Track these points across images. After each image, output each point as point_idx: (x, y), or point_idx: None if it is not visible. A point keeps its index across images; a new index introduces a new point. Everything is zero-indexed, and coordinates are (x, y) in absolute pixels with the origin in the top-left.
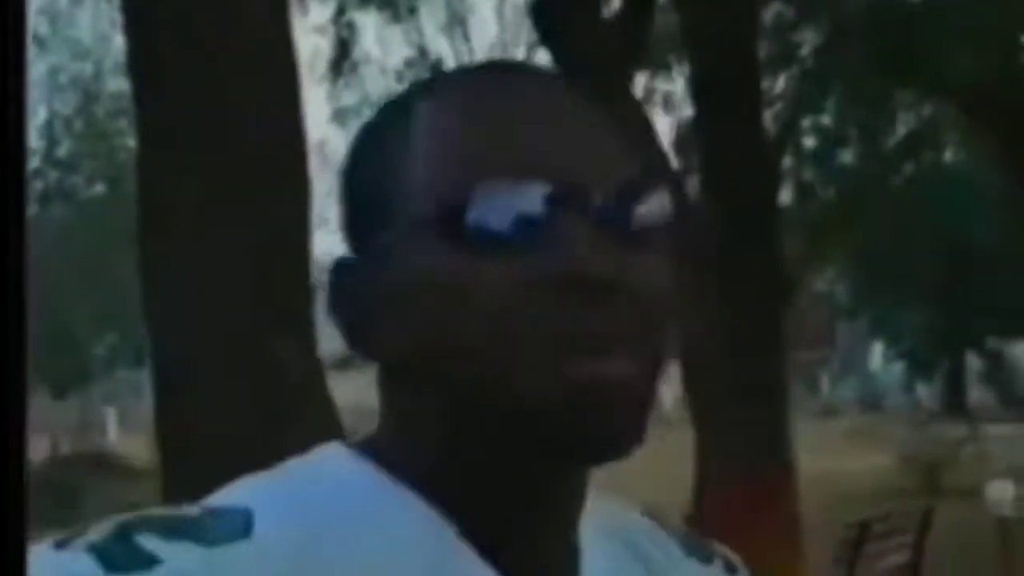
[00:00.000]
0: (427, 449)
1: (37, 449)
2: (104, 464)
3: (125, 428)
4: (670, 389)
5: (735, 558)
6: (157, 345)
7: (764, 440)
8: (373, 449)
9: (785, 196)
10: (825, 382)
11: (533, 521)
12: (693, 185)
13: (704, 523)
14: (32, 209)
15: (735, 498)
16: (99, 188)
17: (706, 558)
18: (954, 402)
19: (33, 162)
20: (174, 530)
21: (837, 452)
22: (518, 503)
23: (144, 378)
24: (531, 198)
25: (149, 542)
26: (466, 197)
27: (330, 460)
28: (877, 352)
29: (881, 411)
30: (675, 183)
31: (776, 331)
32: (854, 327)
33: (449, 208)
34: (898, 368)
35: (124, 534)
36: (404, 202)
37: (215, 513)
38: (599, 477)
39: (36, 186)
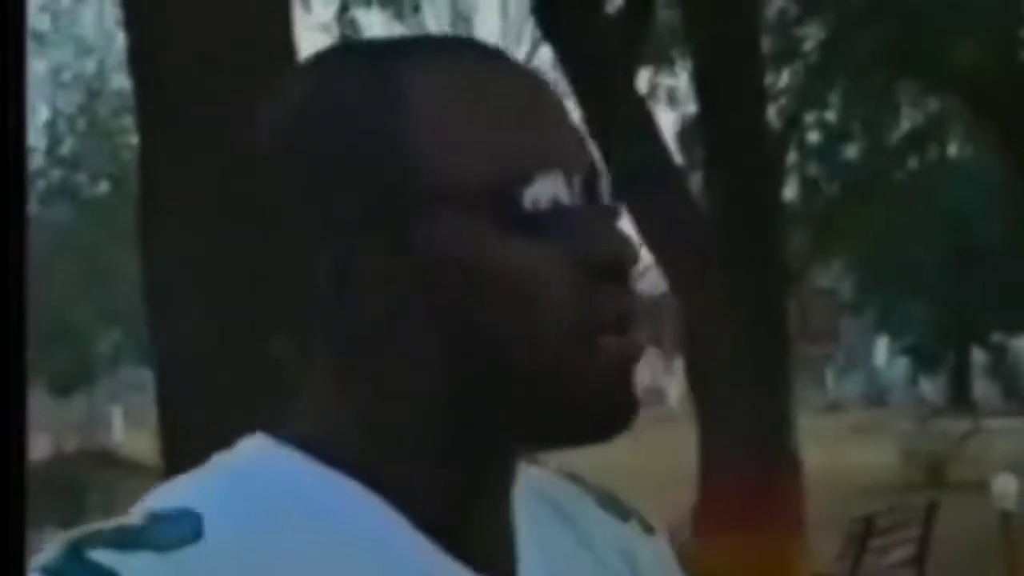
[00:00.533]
0: (390, 438)
1: (41, 447)
2: (109, 461)
3: (131, 425)
4: (676, 383)
5: (650, 522)
6: (158, 343)
7: (769, 435)
8: (298, 438)
9: (789, 191)
10: (830, 377)
11: (482, 502)
12: (697, 180)
13: (709, 517)
14: (35, 207)
15: (740, 492)
16: (102, 186)
17: (623, 516)
18: (958, 396)
19: (36, 160)
20: (126, 541)
21: (841, 447)
22: (474, 486)
23: (148, 375)
24: (561, 182)
25: (104, 556)
26: (519, 181)
27: (260, 453)
28: (882, 347)
29: (886, 406)
30: (680, 178)
31: (781, 326)
32: (859, 322)
33: (490, 189)
34: (902, 363)
35: (75, 552)
36: (423, 184)
37: (161, 519)
38: (603, 471)
39: (39, 184)
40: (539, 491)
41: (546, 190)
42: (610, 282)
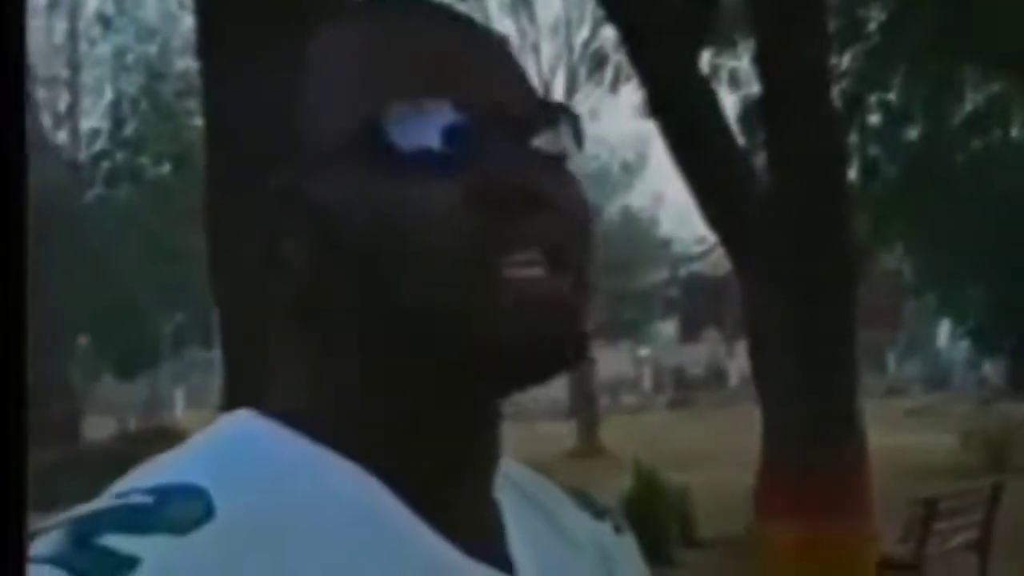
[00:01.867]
0: (354, 404)
1: (105, 429)
2: (172, 440)
3: (193, 407)
4: (735, 365)
5: (624, 522)
6: (225, 324)
7: (834, 418)
8: (284, 414)
9: (851, 173)
10: (891, 360)
11: (465, 478)
12: (759, 161)
13: (773, 499)
14: (99, 189)
15: (805, 474)
16: (165, 167)
17: (597, 514)
18: (1020, 380)
19: (100, 143)
20: (138, 524)
21: (902, 430)
22: (453, 453)
23: (212, 357)
24: (451, 114)
25: (120, 542)
26: (383, 116)
27: (246, 428)
28: (943, 330)
29: (947, 389)
30: (742, 159)
31: (846, 308)
32: (920, 305)
33: (368, 129)
34: (964, 346)
35: (83, 538)
36: (314, 129)
37: (169, 497)
38: (660, 452)
39: (103, 166)
40: (515, 482)
41: (425, 122)
42: (520, 216)
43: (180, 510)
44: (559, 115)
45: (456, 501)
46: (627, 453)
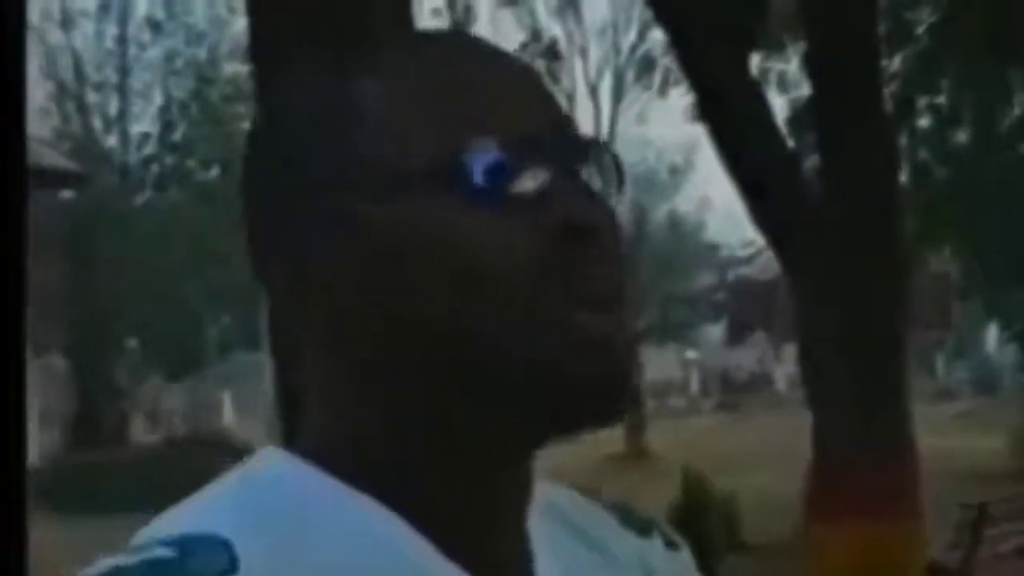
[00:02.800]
0: (392, 440)
1: (154, 431)
2: (220, 446)
3: (240, 411)
4: (781, 369)
5: (677, 537)
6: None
7: (884, 421)
8: (311, 451)
9: (900, 176)
10: (940, 363)
11: (498, 518)
12: (808, 164)
13: (824, 502)
14: (148, 192)
15: (855, 478)
16: (214, 171)
17: (643, 531)
18: None
19: (149, 147)
20: None
21: (951, 434)
22: (487, 496)
23: (258, 360)
24: (527, 152)
25: None
26: (462, 150)
27: (274, 468)
28: (992, 334)
29: (996, 393)
30: (791, 162)
31: (896, 310)
32: (969, 308)
33: (445, 162)
34: (1013, 349)
35: None
36: (376, 155)
37: (191, 550)
38: (707, 456)
39: (152, 170)
40: (550, 505)
41: (503, 165)
42: (582, 254)
43: (203, 564)
44: (604, 152)
45: (485, 538)
46: (673, 456)
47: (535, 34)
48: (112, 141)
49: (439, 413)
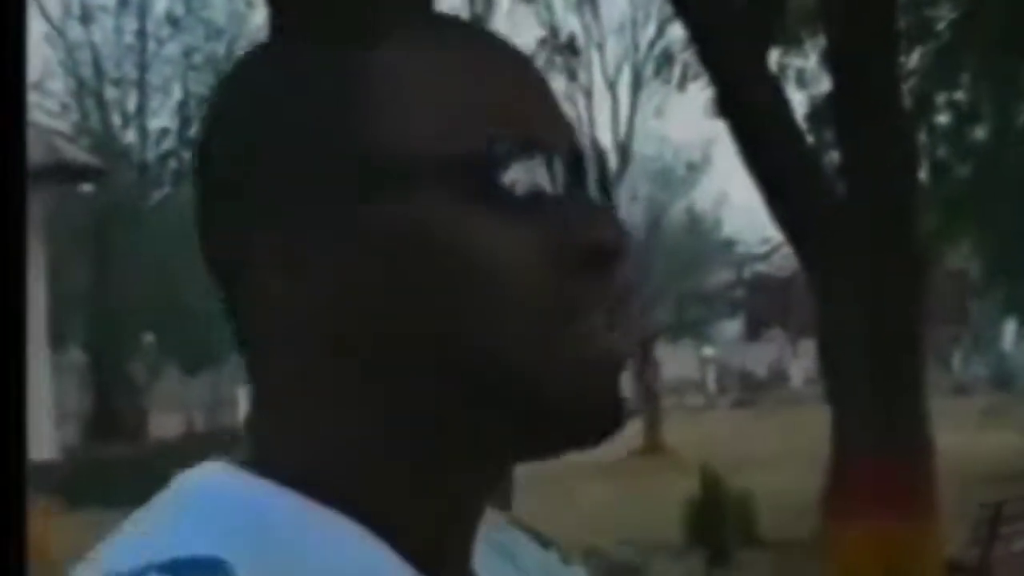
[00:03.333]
0: (375, 454)
1: (172, 426)
2: (238, 440)
3: None
4: (798, 365)
5: (569, 555)
6: None
7: (901, 418)
8: (259, 464)
9: (919, 172)
10: (956, 360)
11: (464, 531)
12: (827, 161)
13: (841, 500)
14: (167, 188)
15: (873, 476)
16: None
17: (544, 545)
18: None
19: (168, 142)
20: None
21: (968, 431)
22: (454, 513)
23: None
24: (549, 156)
25: None
26: (497, 157)
27: (231, 484)
28: (1010, 330)
29: (1013, 390)
30: (810, 158)
31: (913, 307)
32: (987, 304)
33: (468, 160)
34: None
35: None
36: (390, 150)
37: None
38: (723, 452)
39: (171, 166)
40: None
41: (524, 169)
42: (593, 273)
43: None
44: (602, 157)
45: (451, 555)
46: (690, 452)
47: (553, 30)
48: (131, 136)
49: (434, 418)
